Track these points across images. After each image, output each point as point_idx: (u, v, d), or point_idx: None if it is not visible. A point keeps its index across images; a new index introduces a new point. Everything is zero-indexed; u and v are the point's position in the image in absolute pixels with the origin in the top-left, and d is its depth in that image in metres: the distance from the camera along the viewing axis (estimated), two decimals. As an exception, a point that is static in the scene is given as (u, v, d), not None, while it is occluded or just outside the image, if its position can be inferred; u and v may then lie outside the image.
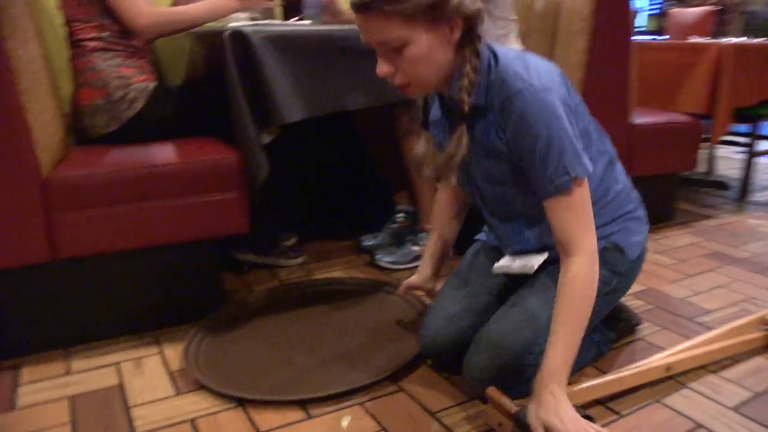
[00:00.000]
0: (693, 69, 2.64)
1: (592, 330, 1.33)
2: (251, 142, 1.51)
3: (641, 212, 1.34)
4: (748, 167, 2.98)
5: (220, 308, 1.62)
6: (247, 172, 1.54)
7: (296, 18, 1.87)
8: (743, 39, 2.92)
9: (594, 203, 1.12)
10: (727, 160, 3.76)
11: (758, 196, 3.06)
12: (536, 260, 1.24)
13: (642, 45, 2.84)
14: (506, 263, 1.29)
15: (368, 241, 2.10)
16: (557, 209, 1.08)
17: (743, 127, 2.94)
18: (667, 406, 1.26)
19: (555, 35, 2.18)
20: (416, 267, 1.58)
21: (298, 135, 1.85)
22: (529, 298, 1.21)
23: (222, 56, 1.48)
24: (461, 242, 1.54)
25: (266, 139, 1.56)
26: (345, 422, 1.17)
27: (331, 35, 1.61)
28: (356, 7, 1.02)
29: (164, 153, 1.54)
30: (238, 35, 1.48)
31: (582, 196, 1.08)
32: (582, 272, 1.06)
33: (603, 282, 1.16)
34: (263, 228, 1.89)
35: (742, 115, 2.73)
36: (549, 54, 2.19)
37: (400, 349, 1.43)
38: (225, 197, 1.54)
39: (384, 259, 1.97)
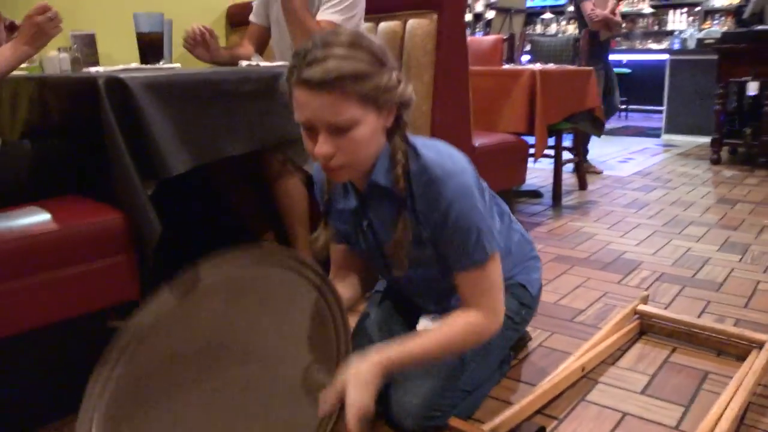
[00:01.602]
0: (511, 93, 3.00)
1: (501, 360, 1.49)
2: (140, 199, 1.41)
3: (535, 251, 1.53)
4: (557, 176, 3.45)
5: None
6: (137, 233, 1.42)
7: (162, 61, 1.78)
8: (550, 65, 3.39)
9: (502, 259, 1.24)
10: (531, 170, 4.29)
11: (567, 201, 3.56)
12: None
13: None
14: (428, 324, 1.35)
15: None
16: (470, 281, 1.18)
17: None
18: (591, 402, 1.45)
19: (400, 66, 2.34)
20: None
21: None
22: None
23: (96, 105, 1.37)
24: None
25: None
26: None
27: (210, 78, 1.57)
28: (313, 84, 1.00)
29: (34, 219, 1.36)
30: (116, 82, 1.38)
31: (494, 269, 1.18)
32: (477, 323, 1.17)
33: (514, 313, 1.37)
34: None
35: (548, 130, 3.17)
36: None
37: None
38: (113, 262, 1.41)
39: None
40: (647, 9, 9.05)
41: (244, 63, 1.87)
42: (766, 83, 4.37)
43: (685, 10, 8.97)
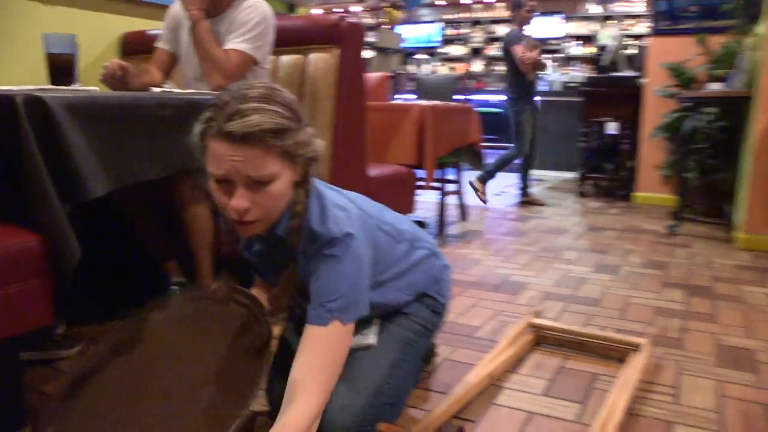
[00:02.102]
0: (401, 126, 3.19)
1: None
2: (60, 222, 1.39)
3: (444, 261, 1.60)
4: (442, 206, 3.67)
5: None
6: (54, 257, 1.40)
7: (78, 83, 1.76)
8: (435, 102, 3.62)
9: (403, 275, 1.38)
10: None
11: (451, 230, 3.78)
12: (372, 334, 1.41)
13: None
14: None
15: None
16: (307, 339, 1.13)
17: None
18: (501, 405, 1.59)
19: (302, 100, 2.44)
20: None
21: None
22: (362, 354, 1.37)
23: (14, 125, 1.34)
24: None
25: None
26: None
27: (129, 102, 1.58)
28: (236, 138, 1.02)
29: None
30: (35, 101, 1.36)
31: (337, 337, 1.13)
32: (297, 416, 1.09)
33: (426, 321, 1.47)
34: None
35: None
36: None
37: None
38: (29, 286, 1.36)
39: None
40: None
41: (156, 89, 1.88)
42: (623, 124, 4.91)
43: (549, 56, 9.81)
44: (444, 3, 10.60)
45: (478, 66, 10.38)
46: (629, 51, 5.15)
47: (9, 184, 1.44)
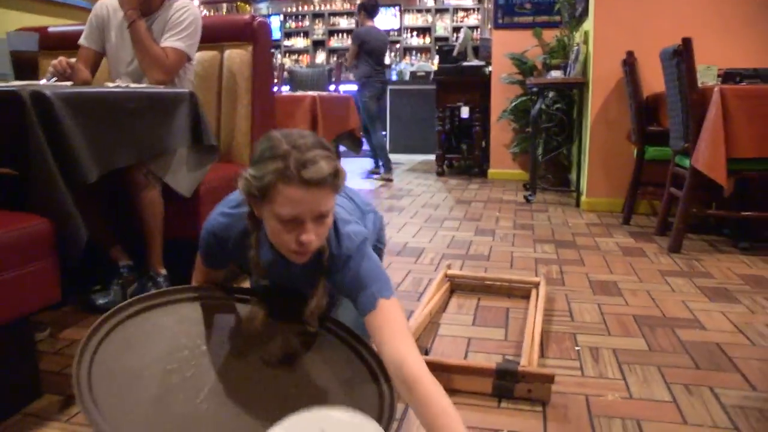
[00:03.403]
0: (294, 115, 3.47)
1: None
2: (67, 207, 1.55)
3: (383, 223, 1.96)
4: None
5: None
6: (63, 239, 1.55)
7: (53, 78, 1.86)
8: (322, 92, 3.92)
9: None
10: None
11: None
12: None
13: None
14: None
15: (102, 299, 2.15)
16: (372, 324, 1.30)
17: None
18: (443, 335, 1.98)
19: (220, 92, 2.65)
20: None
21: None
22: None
23: (21, 117, 1.47)
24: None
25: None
26: None
27: (106, 96, 1.74)
28: (314, 183, 1.15)
29: None
30: (39, 95, 1.50)
31: (388, 311, 1.30)
32: (421, 378, 1.18)
33: None
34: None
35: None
36: (217, 107, 2.63)
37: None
38: (40, 267, 1.50)
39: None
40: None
41: (111, 85, 2.01)
42: (474, 108, 5.53)
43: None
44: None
45: (320, 58, 10.73)
46: (474, 43, 5.77)
47: (13, 175, 1.56)
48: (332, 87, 5.16)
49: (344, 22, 10.70)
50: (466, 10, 10.10)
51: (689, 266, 2.76)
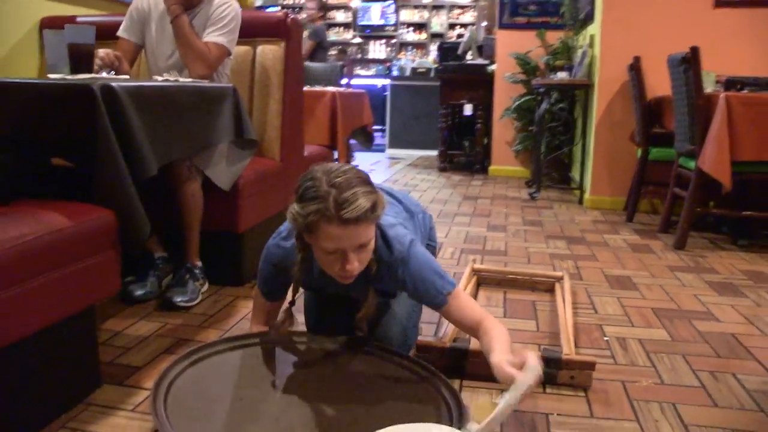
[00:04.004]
0: (314, 111, 3.57)
1: None
2: (133, 199, 1.62)
3: (432, 222, 2.07)
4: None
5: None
6: (127, 231, 1.62)
7: (110, 71, 1.94)
8: (340, 88, 4.03)
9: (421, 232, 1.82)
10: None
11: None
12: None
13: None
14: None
15: (139, 290, 2.20)
16: (450, 314, 1.52)
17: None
18: (479, 326, 2.08)
19: (252, 87, 2.74)
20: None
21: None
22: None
23: (92, 111, 1.53)
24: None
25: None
26: None
27: (162, 90, 1.82)
28: (352, 221, 1.28)
29: (28, 223, 1.37)
30: (110, 89, 1.56)
31: (458, 299, 1.49)
32: (491, 325, 1.45)
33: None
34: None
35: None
36: (249, 102, 2.73)
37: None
38: (104, 259, 1.54)
39: (177, 299, 2.16)
40: (356, 39, 10.37)
41: (160, 78, 2.10)
42: (477, 105, 5.66)
43: (383, 41, 10.51)
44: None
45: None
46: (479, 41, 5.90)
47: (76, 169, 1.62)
48: (344, 81, 5.26)
49: (341, 15, 10.76)
50: (462, 7, 10.22)
51: (695, 262, 2.91)
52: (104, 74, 2.00)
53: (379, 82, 7.98)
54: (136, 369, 1.70)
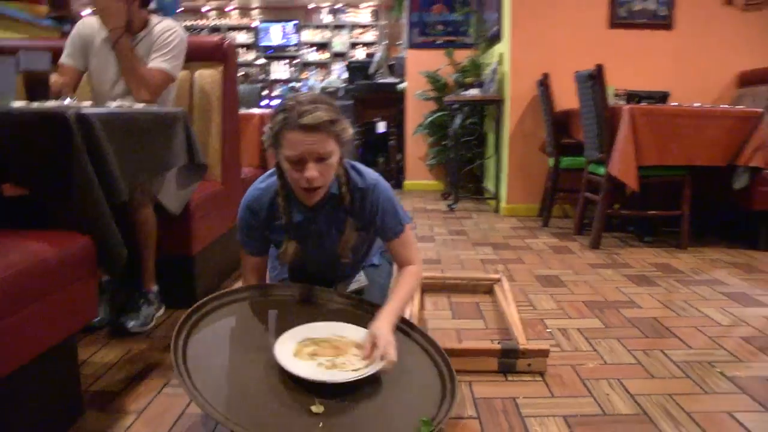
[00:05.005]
0: (245, 133, 3.65)
1: None
2: (110, 224, 1.68)
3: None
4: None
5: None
6: (105, 256, 1.67)
7: (68, 99, 1.96)
8: (264, 110, 4.11)
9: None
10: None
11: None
12: (362, 278, 2.01)
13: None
14: (362, 276, 2.00)
15: (131, 321, 2.22)
16: (400, 244, 1.80)
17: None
18: (435, 328, 2.27)
19: (192, 111, 2.81)
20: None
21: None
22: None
23: (67, 138, 1.57)
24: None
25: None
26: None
27: (129, 116, 1.88)
28: (309, 128, 1.50)
29: (13, 253, 1.38)
30: (82, 116, 1.60)
31: (410, 234, 1.84)
32: (417, 271, 1.81)
33: (389, 267, 2.09)
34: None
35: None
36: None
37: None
38: (84, 285, 1.58)
39: (130, 324, 2.19)
40: (260, 60, 10.42)
41: (113, 104, 2.14)
42: (390, 123, 5.90)
43: (286, 61, 10.62)
44: (181, 9, 10.74)
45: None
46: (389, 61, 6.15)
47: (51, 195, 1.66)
48: (264, 102, 5.35)
49: (242, 37, 10.79)
50: (363, 26, 10.52)
51: (611, 259, 3.24)
52: (67, 101, 2.02)
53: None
54: (115, 395, 1.74)
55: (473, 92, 4.74)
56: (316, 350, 1.52)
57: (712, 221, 3.83)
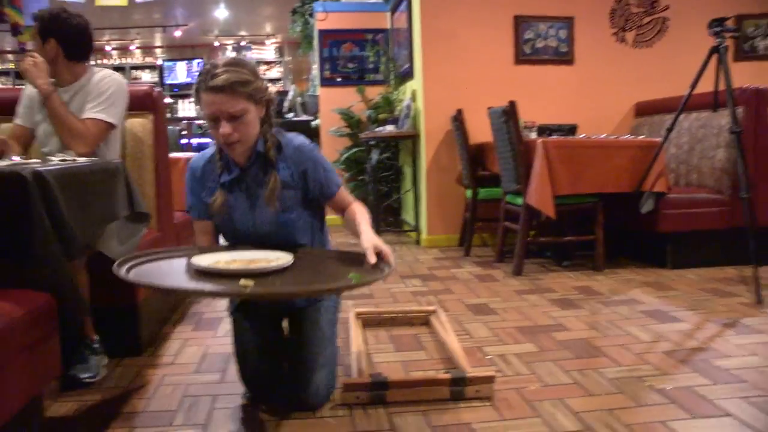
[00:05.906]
0: (172, 174, 3.63)
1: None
2: (71, 281, 1.70)
3: None
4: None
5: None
6: (66, 313, 1.68)
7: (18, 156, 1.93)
8: (189, 153, 4.08)
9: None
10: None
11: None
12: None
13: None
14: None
15: (83, 373, 2.16)
16: (340, 196, 2.01)
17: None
18: (380, 362, 2.36)
19: (124, 159, 2.79)
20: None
21: None
22: (312, 338, 2.03)
23: (25, 197, 1.60)
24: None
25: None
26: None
27: (80, 171, 1.89)
28: (216, 89, 1.71)
29: None
30: (39, 175, 1.63)
31: (342, 189, 2.03)
32: (359, 204, 2.02)
33: (337, 305, 2.18)
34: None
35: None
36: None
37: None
38: (49, 344, 1.61)
39: (83, 375, 2.15)
40: (166, 99, 10.26)
41: (55, 159, 2.11)
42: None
43: (192, 99, 10.52)
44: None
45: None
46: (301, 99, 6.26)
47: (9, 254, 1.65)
48: (184, 141, 5.31)
49: (146, 75, 10.61)
50: (268, 63, 10.60)
51: (534, 285, 3.45)
52: (15, 159, 2.00)
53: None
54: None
55: (389, 128, 4.92)
56: (234, 261, 1.71)
57: (624, 244, 4.14)
